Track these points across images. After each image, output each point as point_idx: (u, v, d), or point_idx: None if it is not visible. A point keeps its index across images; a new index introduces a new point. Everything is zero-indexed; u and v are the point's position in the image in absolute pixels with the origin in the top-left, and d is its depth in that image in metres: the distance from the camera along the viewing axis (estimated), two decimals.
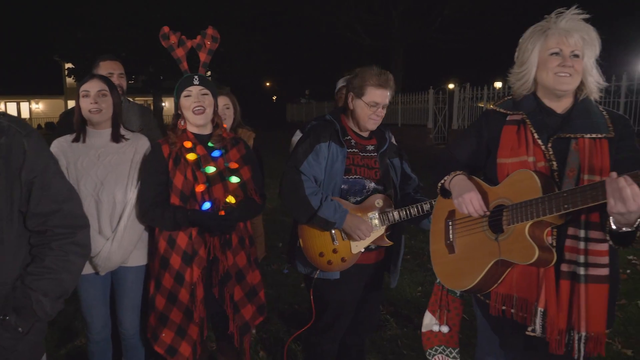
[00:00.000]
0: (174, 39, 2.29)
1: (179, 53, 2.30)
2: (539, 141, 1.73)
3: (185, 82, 2.24)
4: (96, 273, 2.37)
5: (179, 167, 2.21)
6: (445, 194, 1.96)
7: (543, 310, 1.70)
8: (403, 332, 3.56)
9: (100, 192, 2.31)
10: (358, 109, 2.35)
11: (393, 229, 2.43)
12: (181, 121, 2.28)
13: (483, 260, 1.81)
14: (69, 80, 32.52)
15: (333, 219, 2.23)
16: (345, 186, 2.34)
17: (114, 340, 2.58)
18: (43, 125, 31.40)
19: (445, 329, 2.25)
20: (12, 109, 38.04)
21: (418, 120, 17.30)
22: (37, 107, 40.56)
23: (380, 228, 2.35)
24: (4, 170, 1.39)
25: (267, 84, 48.56)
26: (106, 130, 2.39)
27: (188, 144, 2.25)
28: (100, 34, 21.18)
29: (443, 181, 1.93)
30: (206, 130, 2.32)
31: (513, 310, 1.79)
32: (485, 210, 1.78)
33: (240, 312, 2.32)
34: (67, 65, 25.49)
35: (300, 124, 2.48)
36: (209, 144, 2.30)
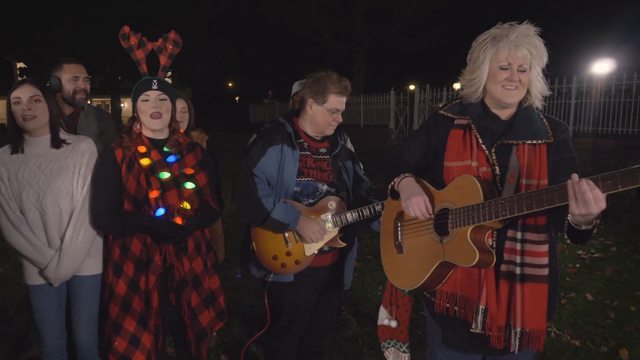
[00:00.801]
0: (134, 40, 2.25)
1: (139, 55, 2.26)
2: (483, 146, 1.81)
3: (144, 86, 2.20)
4: (50, 284, 2.31)
5: (132, 172, 2.18)
6: (395, 195, 2.01)
7: (484, 307, 1.79)
8: (364, 331, 3.62)
9: (44, 203, 2.24)
10: (319, 115, 2.37)
11: (346, 230, 2.47)
12: (137, 125, 2.24)
13: (429, 261, 1.87)
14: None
15: (287, 220, 2.24)
16: (298, 188, 2.36)
17: (69, 350, 2.53)
18: None
19: (394, 324, 2.32)
20: None
21: (380, 121, 17.54)
22: None
23: (333, 230, 2.38)
24: None
25: (230, 84, 48.08)
26: (45, 137, 2.29)
27: (142, 149, 2.21)
28: (54, 32, 20.45)
29: (393, 183, 1.98)
30: (162, 135, 2.30)
31: (456, 308, 1.86)
32: (430, 213, 1.84)
33: (198, 319, 2.30)
34: (19, 65, 24.47)
35: (262, 126, 2.49)
36: (165, 149, 2.27)
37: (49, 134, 2.30)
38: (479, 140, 1.82)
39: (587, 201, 1.43)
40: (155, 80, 2.21)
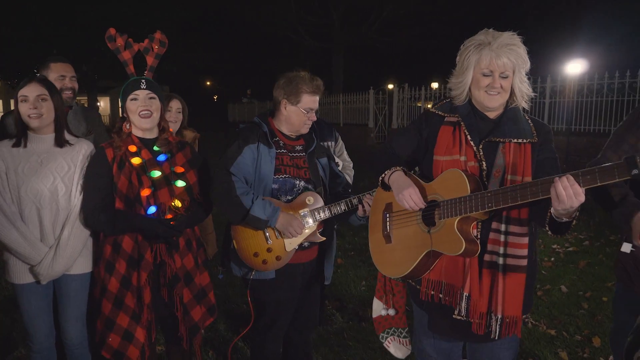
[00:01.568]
0: (120, 42, 2.28)
1: (126, 56, 2.29)
2: (472, 142, 1.91)
3: (132, 86, 2.23)
4: (37, 282, 2.32)
5: (123, 171, 2.21)
6: (386, 187, 2.09)
7: (467, 294, 1.89)
8: (348, 325, 3.70)
9: (42, 199, 2.26)
10: (294, 115, 2.42)
11: (325, 226, 2.52)
12: (126, 124, 2.27)
13: (416, 251, 1.97)
14: None
15: (266, 217, 2.27)
16: (275, 186, 2.40)
17: (57, 348, 2.53)
18: None
19: (392, 312, 2.40)
20: None
21: (359, 119, 17.66)
22: None
23: (312, 225, 2.43)
24: None
25: (208, 83, 47.63)
26: (49, 135, 2.32)
27: (133, 148, 2.25)
28: (28, 30, 20.03)
29: (383, 175, 2.05)
30: (152, 134, 2.33)
31: (441, 295, 1.96)
32: (422, 204, 1.92)
33: (190, 314, 2.34)
34: None
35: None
36: (155, 148, 2.30)
37: (53, 133, 2.32)
38: (468, 136, 1.92)
39: (568, 196, 1.55)
40: (143, 80, 2.25)
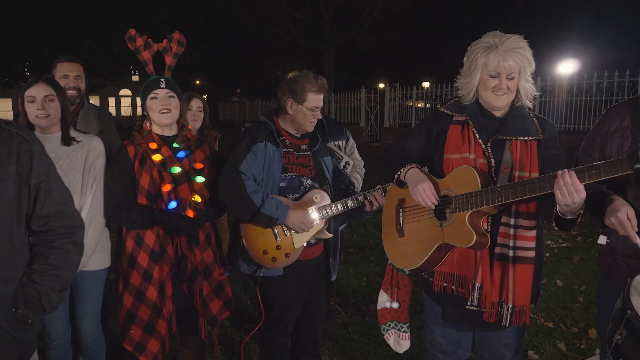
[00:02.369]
0: (140, 42, 2.34)
1: (145, 56, 2.35)
2: (480, 141, 2.00)
3: (152, 85, 2.30)
4: None
5: (145, 168, 2.27)
6: (401, 184, 2.17)
7: (480, 285, 1.99)
8: (352, 320, 3.78)
9: None
10: (299, 114, 2.47)
11: (330, 223, 2.59)
12: (147, 122, 2.33)
13: (429, 244, 2.05)
14: None
15: (276, 214, 2.31)
16: (283, 184, 2.45)
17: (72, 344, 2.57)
18: None
19: (395, 305, 2.48)
20: None
21: (351, 118, 17.75)
22: None
23: (319, 222, 2.48)
24: (15, 176, 1.48)
25: (197, 82, 47.50)
26: (55, 135, 2.34)
27: (153, 145, 2.31)
28: (17, 28, 19.82)
29: (399, 172, 2.13)
30: (171, 132, 2.39)
31: (453, 287, 2.05)
32: (436, 199, 2.00)
33: (209, 307, 2.40)
34: None
35: (231, 124, 2.60)
36: (174, 145, 2.37)
37: (59, 132, 2.34)
38: (476, 135, 2.01)
39: (570, 192, 1.65)
40: (163, 79, 2.32)
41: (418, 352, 3.19)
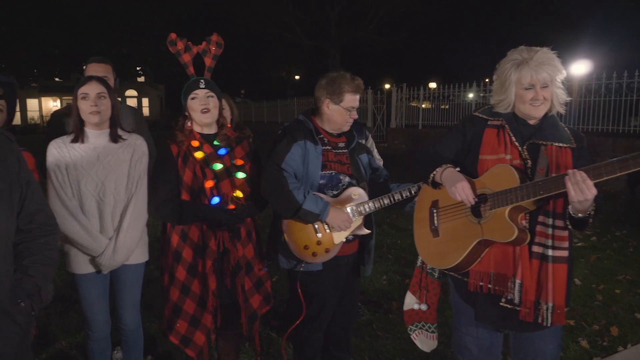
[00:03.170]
0: (180, 45, 2.42)
1: (185, 58, 2.43)
2: (516, 143, 2.06)
3: (192, 86, 2.38)
4: (97, 272, 2.42)
5: (187, 165, 2.33)
6: (436, 185, 2.22)
7: (520, 282, 2.02)
8: (375, 317, 3.83)
9: (102, 192, 2.36)
10: (336, 114, 2.53)
11: (366, 219, 2.63)
12: (188, 122, 2.41)
13: (466, 241, 2.09)
14: None
15: (318, 211, 2.38)
16: (322, 181, 2.50)
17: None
18: None
19: (424, 307, 2.52)
20: None
21: (358, 119, 17.73)
22: None
23: (358, 219, 2.54)
24: (5, 175, 1.53)
25: None
26: (104, 131, 2.42)
27: (195, 143, 2.38)
28: (25, 29, 19.92)
29: (434, 173, 2.18)
30: (212, 130, 2.46)
31: (490, 285, 2.09)
32: (474, 197, 2.05)
33: (249, 302, 2.46)
34: None
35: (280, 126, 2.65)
36: (215, 143, 2.43)
37: (108, 129, 2.42)
38: (512, 137, 2.07)
39: (581, 189, 1.74)
40: (202, 80, 2.40)
41: (443, 348, 3.24)
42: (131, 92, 40.77)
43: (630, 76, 9.42)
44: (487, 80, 12.83)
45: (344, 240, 2.53)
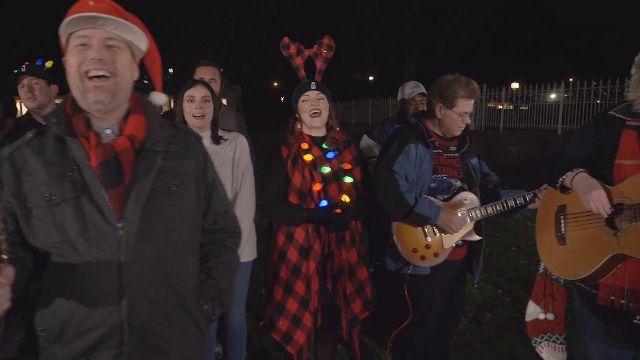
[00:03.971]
0: (293, 49, 2.46)
1: (297, 62, 2.47)
2: None
3: (304, 88, 2.41)
4: None
5: (297, 167, 2.35)
6: (564, 189, 2.06)
7: None
8: (469, 328, 3.68)
9: None
10: (448, 119, 2.46)
11: (476, 225, 2.55)
12: (298, 124, 2.43)
13: (599, 253, 1.93)
14: None
15: (429, 214, 2.34)
16: (433, 185, 2.46)
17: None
18: None
19: (551, 317, 2.36)
20: None
21: None
22: None
23: (469, 224, 2.47)
24: (194, 172, 1.49)
25: (275, 84, 48.68)
26: (206, 133, 2.47)
27: (305, 146, 2.39)
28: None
29: (564, 177, 2.02)
30: (321, 133, 2.46)
31: (623, 301, 1.91)
32: (610, 207, 1.89)
33: (351, 306, 2.45)
34: None
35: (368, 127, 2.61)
36: (324, 146, 2.43)
37: (209, 131, 2.48)
38: None
39: None
40: (313, 82, 2.42)
41: None
42: None
43: None
44: (571, 80, 12.10)
45: (453, 245, 2.47)
